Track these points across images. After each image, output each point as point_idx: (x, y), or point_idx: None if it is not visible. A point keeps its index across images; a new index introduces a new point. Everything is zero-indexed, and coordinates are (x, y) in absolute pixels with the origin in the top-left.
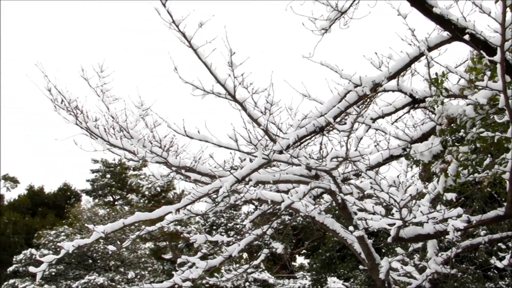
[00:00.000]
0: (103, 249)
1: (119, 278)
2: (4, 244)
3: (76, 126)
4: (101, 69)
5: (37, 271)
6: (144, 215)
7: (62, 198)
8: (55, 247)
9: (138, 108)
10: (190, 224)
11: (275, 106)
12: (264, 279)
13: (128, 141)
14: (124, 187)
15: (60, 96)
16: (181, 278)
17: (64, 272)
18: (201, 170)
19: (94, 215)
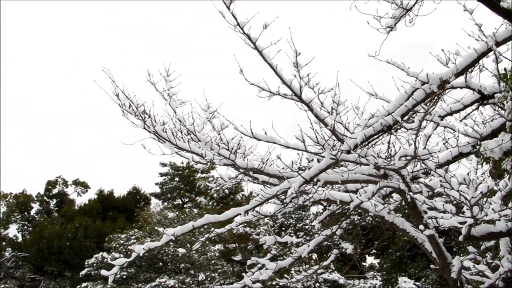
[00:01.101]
0: (173, 252)
1: (190, 280)
2: (76, 248)
3: (144, 130)
4: (167, 73)
5: (109, 274)
6: (213, 217)
7: (132, 202)
8: (125, 250)
9: (205, 111)
10: (259, 226)
11: (341, 105)
12: (334, 279)
13: (195, 144)
14: (193, 189)
15: (128, 101)
16: (251, 280)
17: (135, 275)
18: (269, 172)
19: (164, 218)
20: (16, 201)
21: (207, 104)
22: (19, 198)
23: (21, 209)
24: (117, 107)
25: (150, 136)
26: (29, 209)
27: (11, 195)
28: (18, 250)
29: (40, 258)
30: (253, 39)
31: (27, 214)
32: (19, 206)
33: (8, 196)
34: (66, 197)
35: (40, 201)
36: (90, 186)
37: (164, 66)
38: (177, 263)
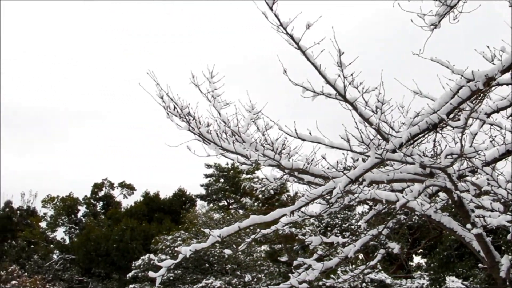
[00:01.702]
0: (219, 253)
1: (236, 281)
2: (123, 250)
3: (189, 132)
4: (211, 75)
5: (156, 276)
6: (259, 218)
7: (178, 204)
8: (172, 252)
9: (249, 112)
10: (305, 226)
11: (386, 104)
12: (381, 279)
13: (240, 145)
14: (238, 191)
15: (172, 103)
16: (297, 280)
17: (182, 276)
18: (314, 172)
19: (209, 220)
20: (63, 204)
21: (251, 105)
22: (66, 201)
23: (68, 212)
24: (161, 109)
25: (195, 138)
26: (76, 212)
27: (58, 198)
28: (66, 252)
29: (88, 260)
30: (296, 39)
31: (74, 217)
32: (66, 209)
33: (55, 199)
34: (113, 200)
35: (87, 204)
36: (136, 188)
37: (208, 68)
38: (224, 264)
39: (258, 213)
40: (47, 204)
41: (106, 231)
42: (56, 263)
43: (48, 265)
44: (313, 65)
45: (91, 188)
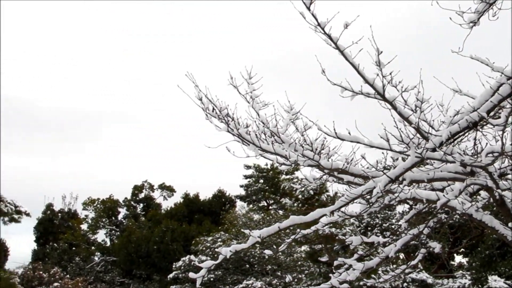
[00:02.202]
0: (259, 254)
1: (276, 282)
2: (164, 251)
3: (228, 133)
4: (249, 76)
5: (197, 277)
6: (299, 218)
7: (217, 205)
8: (212, 253)
9: (288, 112)
10: (345, 226)
11: (425, 103)
12: (422, 279)
13: (279, 146)
14: (277, 191)
15: (211, 105)
16: (338, 280)
17: (222, 277)
18: (353, 172)
19: (249, 220)
20: (104, 206)
21: (290, 105)
22: (107, 203)
23: (109, 214)
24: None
25: (234, 139)
26: (116, 214)
27: (99, 201)
28: (107, 254)
29: (129, 262)
30: (334, 39)
31: (114, 219)
32: (107, 211)
33: (96, 201)
34: (153, 201)
35: (127, 206)
36: (176, 190)
37: (246, 69)
38: (264, 265)
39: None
40: (87, 207)
41: (146, 233)
42: (97, 265)
43: (90, 267)
44: (351, 65)
45: (131, 190)
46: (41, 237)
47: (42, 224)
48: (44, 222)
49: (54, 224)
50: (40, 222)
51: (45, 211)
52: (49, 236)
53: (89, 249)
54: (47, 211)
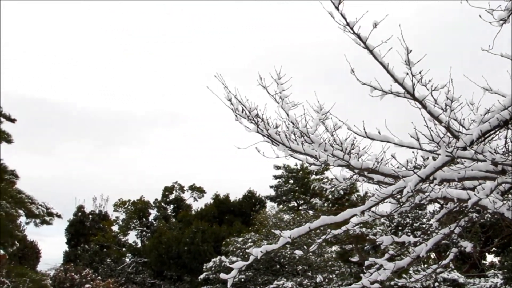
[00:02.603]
0: (290, 254)
1: (307, 282)
2: (194, 252)
3: (257, 134)
4: (278, 76)
5: (228, 278)
6: (329, 218)
7: (247, 205)
8: (243, 253)
9: (317, 112)
10: (375, 226)
11: (455, 102)
12: (454, 278)
13: (309, 146)
14: (307, 191)
15: (241, 106)
16: (369, 280)
17: (253, 278)
18: (383, 171)
19: (279, 221)
20: (135, 207)
21: (319, 105)
22: (137, 205)
23: (140, 216)
24: (230, 111)
25: (264, 139)
26: (147, 215)
27: (130, 202)
28: (138, 255)
29: (160, 263)
30: (363, 38)
31: (145, 220)
32: (138, 212)
33: (127, 203)
34: (183, 202)
35: (157, 207)
36: (206, 191)
37: (275, 69)
38: (294, 265)
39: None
40: (118, 208)
41: (177, 234)
42: (128, 266)
43: (121, 268)
44: (380, 64)
45: (162, 192)
46: (73, 238)
47: (74, 226)
48: (75, 224)
49: (85, 225)
50: (71, 224)
51: (76, 213)
52: (80, 238)
53: (120, 250)
54: (78, 213)
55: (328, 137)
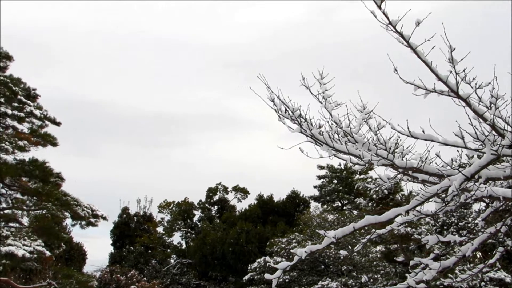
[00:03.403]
0: (334, 254)
1: (352, 283)
2: (239, 253)
3: (300, 134)
4: (321, 76)
5: (272, 278)
6: (374, 218)
7: (291, 206)
8: (287, 254)
9: (361, 112)
10: (420, 225)
11: (500, 99)
12: (500, 278)
13: (353, 146)
14: (352, 191)
15: (284, 106)
16: (414, 280)
17: (298, 278)
18: (428, 170)
19: (324, 221)
20: (179, 209)
21: (363, 105)
22: (182, 206)
23: (184, 217)
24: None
25: (307, 139)
26: (191, 217)
27: (174, 204)
28: (183, 256)
29: (204, 264)
30: (406, 37)
31: (190, 221)
32: (182, 213)
33: (172, 204)
34: (227, 203)
35: (202, 208)
36: (250, 192)
37: (318, 69)
38: (339, 265)
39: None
40: (163, 210)
41: (221, 235)
42: (173, 268)
43: (166, 269)
44: (424, 63)
45: (206, 193)
46: (118, 240)
47: (119, 227)
48: (120, 225)
49: (130, 227)
50: (116, 225)
51: (121, 215)
52: (126, 239)
53: (165, 251)
54: (123, 215)
55: (371, 137)
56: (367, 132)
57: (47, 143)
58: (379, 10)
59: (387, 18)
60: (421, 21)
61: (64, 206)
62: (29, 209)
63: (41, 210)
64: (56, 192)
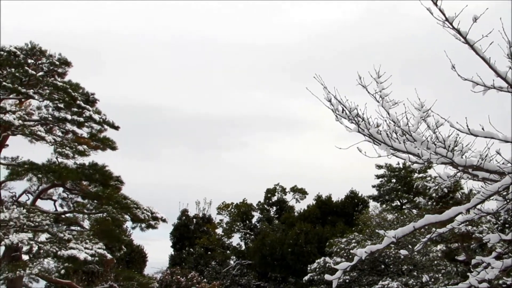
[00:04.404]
0: (394, 254)
1: (413, 282)
2: (298, 254)
3: (358, 134)
4: (378, 75)
5: (333, 279)
6: (434, 217)
7: (350, 206)
8: (347, 254)
9: (418, 110)
10: (481, 224)
11: None
12: None
13: (411, 144)
14: (411, 190)
15: (341, 106)
16: (477, 280)
17: (358, 278)
18: (488, 168)
19: (383, 221)
20: (238, 210)
21: (420, 103)
22: (241, 208)
23: (243, 218)
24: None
25: (365, 139)
26: (250, 218)
27: (233, 205)
28: (242, 258)
29: (264, 265)
30: (463, 33)
31: (248, 223)
32: (241, 215)
33: (230, 206)
34: (285, 204)
35: (260, 209)
36: (308, 192)
37: (375, 68)
38: (399, 265)
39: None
40: (222, 211)
41: (280, 236)
42: (233, 269)
43: (226, 270)
44: (482, 59)
45: (264, 194)
46: (178, 242)
47: (178, 229)
48: (180, 227)
49: (190, 229)
50: (176, 227)
51: (180, 217)
52: (185, 241)
53: (224, 253)
54: (182, 217)
55: (430, 135)
56: (425, 130)
57: (106, 147)
58: (435, 7)
59: (443, 15)
60: (478, 17)
61: (124, 209)
62: (90, 213)
63: (102, 213)
64: (116, 195)
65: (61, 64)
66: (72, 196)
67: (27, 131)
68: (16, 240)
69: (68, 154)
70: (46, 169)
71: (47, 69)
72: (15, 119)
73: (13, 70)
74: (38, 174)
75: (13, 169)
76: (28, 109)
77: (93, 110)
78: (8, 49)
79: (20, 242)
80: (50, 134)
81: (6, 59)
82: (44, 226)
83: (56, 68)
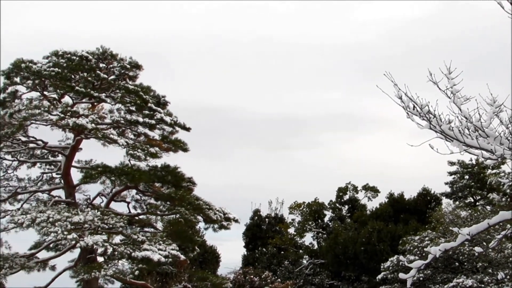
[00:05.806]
0: (469, 251)
1: (488, 280)
2: (371, 252)
3: (429, 131)
4: (449, 71)
5: (407, 277)
6: (509, 213)
7: (422, 203)
8: (420, 252)
9: (491, 105)
10: None
11: None
12: None
13: (484, 140)
14: (484, 186)
15: (412, 103)
16: None
17: (432, 276)
18: None
19: (456, 218)
20: (310, 209)
21: (492, 98)
22: (312, 207)
23: (315, 217)
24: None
25: (437, 135)
26: (322, 217)
27: (304, 204)
28: (315, 257)
29: (336, 264)
30: None
31: (320, 222)
32: (313, 214)
33: (302, 205)
34: (357, 203)
35: (332, 208)
36: (380, 190)
37: (445, 64)
38: (474, 262)
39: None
40: (293, 211)
41: (353, 235)
42: (306, 268)
43: (299, 270)
44: None
45: (336, 193)
46: (250, 242)
47: (251, 229)
48: (252, 227)
49: (262, 229)
50: (248, 228)
51: (252, 217)
52: (258, 241)
53: (297, 252)
54: (254, 217)
55: (503, 130)
56: (498, 126)
57: (178, 149)
58: (507, 1)
59: None
60: None
61: (196, 210)
62: (163, 214)
63: (174, 215)
64: (188, 196)
65: (132, 67)
66: (145, 198)
67: (100, 134)
68: (91, 242)
69: (140, 156)
70: (119, 171)
71: (118, 72)
72: (88, 123)
73: (85, 74)
74: (111, 176)
75: (87, 172)
76: (101, 112)
77: (164, 112)
78: (80, 54)
79: (95, 244)
80: (123, 137)
81: (78, 64)
82: (118, 228)
83: (127, 72)
